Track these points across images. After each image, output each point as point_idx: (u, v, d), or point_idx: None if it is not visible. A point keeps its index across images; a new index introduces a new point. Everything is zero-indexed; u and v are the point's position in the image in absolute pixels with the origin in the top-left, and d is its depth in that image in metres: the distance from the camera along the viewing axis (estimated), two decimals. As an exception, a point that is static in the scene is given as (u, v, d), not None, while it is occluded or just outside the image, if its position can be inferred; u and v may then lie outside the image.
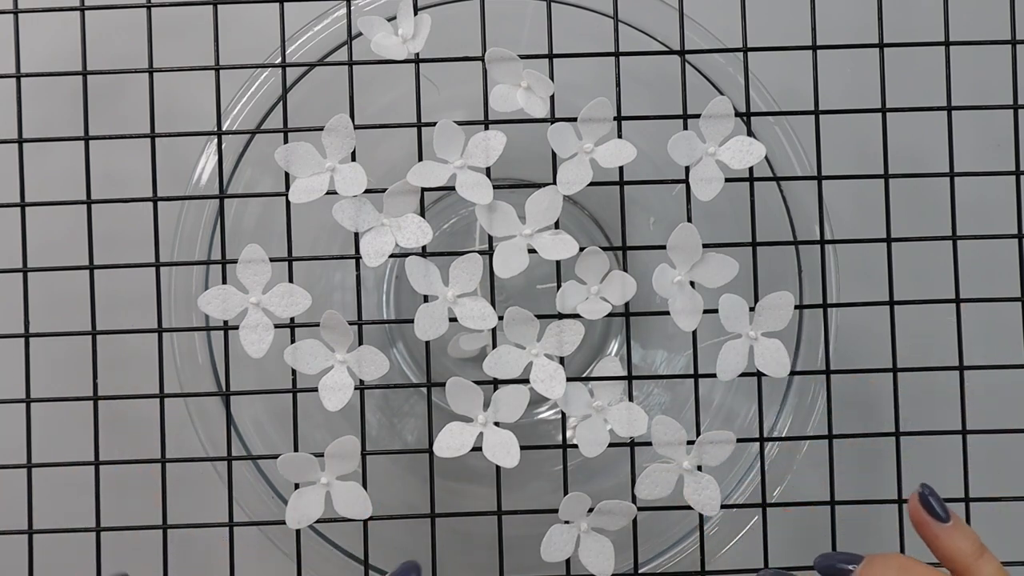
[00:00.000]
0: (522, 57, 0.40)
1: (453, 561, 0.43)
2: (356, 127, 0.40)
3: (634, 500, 0.40)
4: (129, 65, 0.41)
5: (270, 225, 0.43)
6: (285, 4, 0.41)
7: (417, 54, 0.41)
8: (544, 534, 0.39)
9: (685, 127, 0.41)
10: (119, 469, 0.40)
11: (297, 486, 0.40)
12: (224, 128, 0.41)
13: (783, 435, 0.43)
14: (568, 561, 0.40)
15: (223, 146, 0.41)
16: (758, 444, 0.41)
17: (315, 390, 0.40)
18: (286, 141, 0.40)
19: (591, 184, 0.40)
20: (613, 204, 0.41)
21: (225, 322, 0.40)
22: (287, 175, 0.40)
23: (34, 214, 0.41)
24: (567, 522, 0.40)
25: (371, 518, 0.40)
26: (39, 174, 0.42)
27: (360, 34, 0.40)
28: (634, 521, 0.40)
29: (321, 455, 0.40)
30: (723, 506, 0.40)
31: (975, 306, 0.41)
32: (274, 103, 0.42)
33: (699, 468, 0.40)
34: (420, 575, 0.37)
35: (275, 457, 0.39)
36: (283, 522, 0.39)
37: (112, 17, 0.41)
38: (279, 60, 0.41)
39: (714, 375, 0.40)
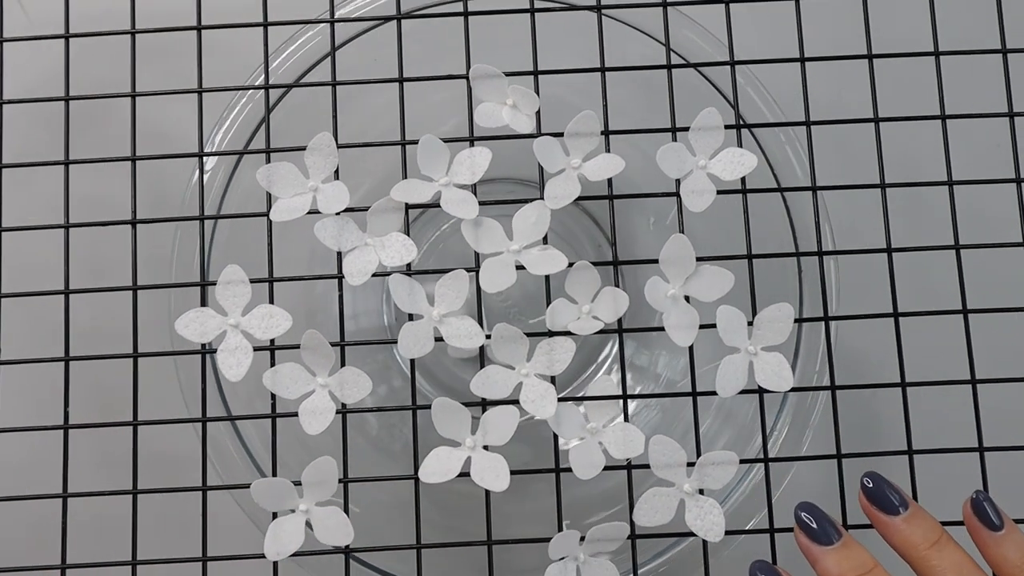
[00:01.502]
0: (507, 74, 0.40)
1: (456, 564, 0.40)
2: (339, 146, 0.39)
3: (633, 527, 0.38)
4: (112, 90, 0.40)
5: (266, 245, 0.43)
6: (269, 28, 0.41)
7: (400, 72, 0.40)
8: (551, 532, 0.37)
9: (674, 138, 0.40)
10: (101, 508, 0.38)
11: (275, 516, 0.38)
12: (207, 150, 0.40)
13: (782, 437, 0.40)
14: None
15: (207, 169, 0.41)
16: (758, 444, 0.39)
17: (295, 415, 0.38)
18: (268, 161, 0.40)
19: (580, 199, 0.39)
20: (607, 202, 0.40)
21: (203, 345, 0.39)
22: (269, 195, 0.39)
23: (22, 240, 0.40)
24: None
25: (353, 550, 0.38)
26: (22, 200, 0.41)
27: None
28: (634, 548, 0.38)
29: (299, 483, 0.37)
30: (728, 532, 0.38)
31: (979, 324, 0.39)
32: (258, 123, 0.41)
33: (701, 492, 0.38)
34: None
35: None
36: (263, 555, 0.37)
37: (95, 42, 0.41)
38: (261, 81, 0.40)
39: (714, 392, 0.38)
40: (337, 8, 0.43)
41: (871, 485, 0.37)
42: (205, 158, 0.41)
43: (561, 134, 0.39)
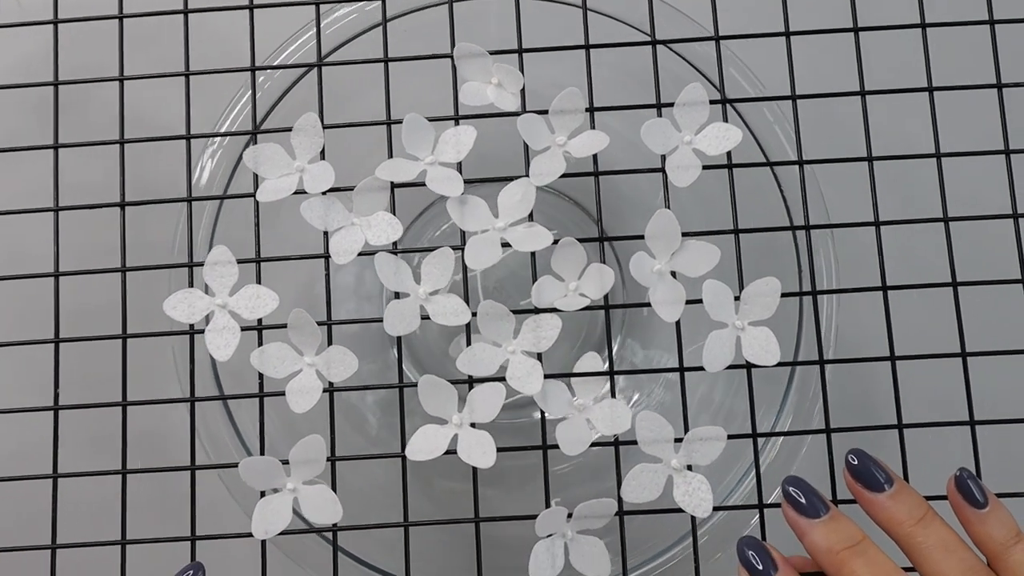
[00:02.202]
0: (492, 53, 0.40)
1: (450, 560, 0.40)
2: (325, 127, 0.40)
3: (621, 504, 0.38)
4: (99, 75, 0.41)
5: (271, 227, 0.43)
6: (255, 11, 0.41)
7: (386, 53, 0.40)
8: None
9: (659, 116, 0.40)
10: (93, 488, 0.38)
11: (263, 494, 0.38)
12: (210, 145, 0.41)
13: (780, 440, 0.40)
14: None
15: (218, 154, 0.42)
16: (760, 444, 0.38)
17: (282, 394, 0.38)
18: (255, 143, 0.40)
19: (565, 176, 0.39)
20: (605, 199, 0.39)
21: (191, 326, 0.39)
22: (255, 176, 0.40)
23: (8, 226, 0.40)
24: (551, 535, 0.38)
25: (340, 528, 0.38)
26: (10, 186, 0.42)
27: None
28: (622, 525, 0.38)
29: (286, 461, 0.38)
30: (716, 508, 0.37)
31: (971, 298, 0.39)
32: (276, 102, 0.42)
33: (689, 468, 0.38)
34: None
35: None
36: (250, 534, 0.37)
37: (77, 28, 0.41)
38: (264, 66, 0.41)
39: (701, 368, 0.38)
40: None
41: (856, 462, 0.36)
42: (203, 145, 0.41)
43: (546, 111, 0.40)
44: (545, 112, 0.40)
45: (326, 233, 0.39)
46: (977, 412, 0.38)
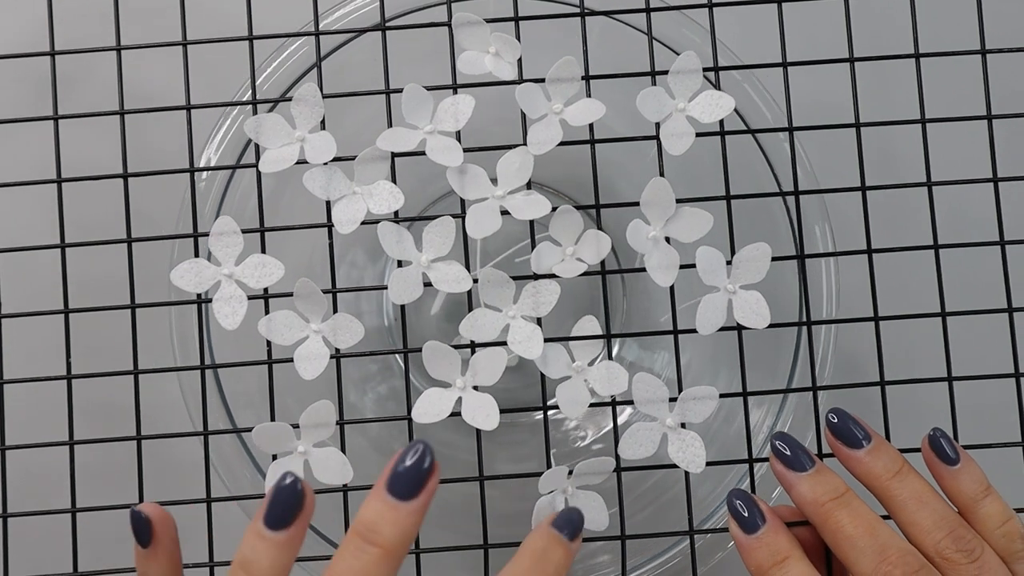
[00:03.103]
0: (488, 21, 0.40)
1: (457, 528, 0.42)
2: (325, 96, 0.40)
3: (618, 462, 0.40)
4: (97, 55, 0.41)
5: (276, 204, 0.43)
6: (251, -21, 0.41)
7: (383, 19, 0.41)
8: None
9: (654, 83, 0.40)
10: (105, 457, 0.39)
11: (275, 457, 0.39)
12: (193, 103, 0.41)
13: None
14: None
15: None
16: (755, 443, 0.40)
17: (291, 360, 0.39)
18: (255, 113, 0.40)
19: (562, 144, 0.40)
20: (601, 183, 0.40)
21: (199, 295, 0.40)
22: (257, 147, 0.40)
23: (8, 197, 0.41)
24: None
25: (350, 488, 0.39)
26: (8, 160, 0.42)
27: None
28: (619, 484, 0.40)
29: (296, 425, 0.39)
30: (709, 463, 0.39)
31: (962, 260, 0.41)
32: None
33: (683, 426, 0.40)
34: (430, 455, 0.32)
35: (249, 430, 0.39)
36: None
37: (76, 5, 0.41)
38: (262, 35, 0.41)
39: (694, 330, 0.40)
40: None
41: (835, 420, 0.39)
42: (211, 123, 0.41)
43: (543, 80, 0.40)
44: (542, 80, 0.40)
45: (328, 202, 0.40)
46: (953, 369, 0.40)
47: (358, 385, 0.53)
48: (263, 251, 0.40)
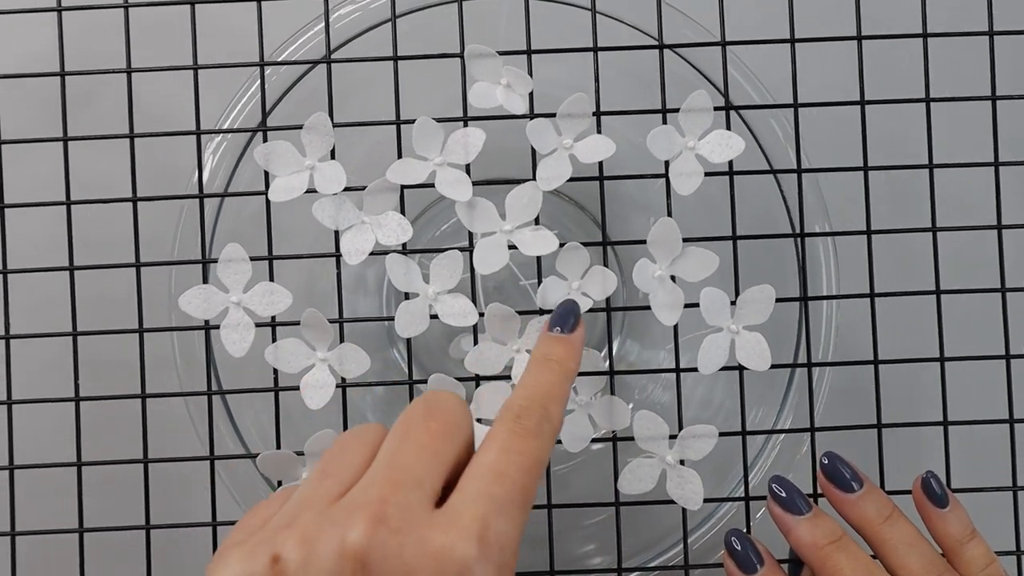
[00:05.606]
0: (501, 53, 0.40)
1: None
2: (335, 125, 0.40)
3: (617, 495, 0.40)
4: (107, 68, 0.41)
5: (274, 223, 0.43)
6: (263, 3, 0.41)
7: (395, 52, 0.41)
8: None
9: (664, 121, 0.41)
10: (110, 473, 0.40)
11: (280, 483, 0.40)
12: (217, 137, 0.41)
13: (776, 451, 0.43)
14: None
15: (223, 147, 0.42)
16: (760, 444, 0.41)
17: (297, 388, 0.40)
18: (265, 140, 0.40)
19: (571, 180, 0.40)
20: (609, 201, 0.41)
21: (206, 322, 0.40)
22: (266, 174, 0.40)
23: (18, 216, 0.41)
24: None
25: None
26: (18, 178, 0.42)
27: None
28: (618, 517, 0.40)
29: (301, 452, 0.40)
30: (706, 500, 0.40)
31: (963, 300, 0.41)
32: (277, 99, 0.42)
33: (682, 463, 0.40)
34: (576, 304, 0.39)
35: (254, 456, 0.39)
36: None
37: (89, 21, 0.41)
38: (273, 61, 0.41)
39: (696, 369, 0.40)
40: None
41: (827, 463, 0.39)
42: (206, 138, 0.41)
43: (553, 114, 0.40)
44: (553, 115, 0.40)
45: (336, 232, 0.40)
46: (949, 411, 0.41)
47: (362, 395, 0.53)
48: (271, 279, 0.40)
